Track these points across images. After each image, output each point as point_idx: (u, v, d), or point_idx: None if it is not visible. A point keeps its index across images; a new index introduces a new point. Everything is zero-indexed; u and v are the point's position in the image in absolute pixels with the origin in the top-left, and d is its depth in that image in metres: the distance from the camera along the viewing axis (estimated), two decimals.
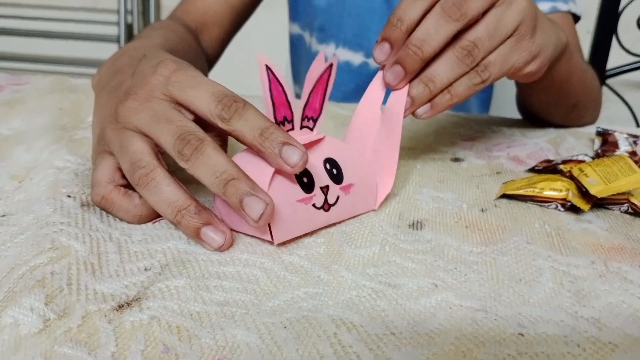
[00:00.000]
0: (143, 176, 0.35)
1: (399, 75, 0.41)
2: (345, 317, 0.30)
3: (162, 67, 0.37)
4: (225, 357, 0.27)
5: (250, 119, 0.34)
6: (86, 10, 1.78)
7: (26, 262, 0.32)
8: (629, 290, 0.33)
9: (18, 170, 0.45)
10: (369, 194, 0.41)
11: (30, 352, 0.26)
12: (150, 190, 0.35)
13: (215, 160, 0.34)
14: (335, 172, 0.39)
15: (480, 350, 0.28)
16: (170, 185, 0.35)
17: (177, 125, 0.35)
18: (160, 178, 0.35)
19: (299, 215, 0.37)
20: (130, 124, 0.36)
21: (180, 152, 0.34)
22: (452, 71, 0.41)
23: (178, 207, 0.35)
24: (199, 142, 0.34)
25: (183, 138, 0.34)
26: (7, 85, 0.70)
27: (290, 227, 0.36)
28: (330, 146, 0.39)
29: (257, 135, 0.34)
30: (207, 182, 0.34)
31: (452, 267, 0.35)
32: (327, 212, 0.38)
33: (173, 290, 0.31)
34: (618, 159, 0.43)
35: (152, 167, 0.35)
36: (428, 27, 0.40)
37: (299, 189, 0.37)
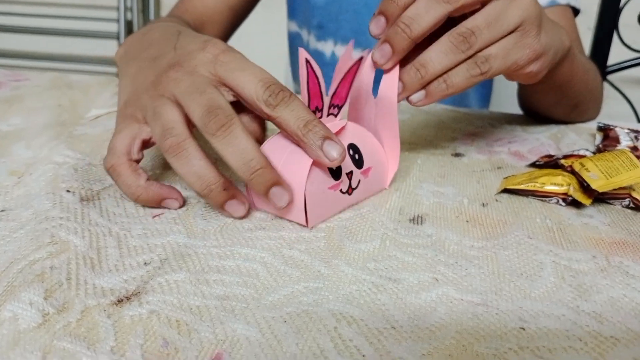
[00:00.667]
0: (174, 145, 0.36)
1: (387, 54, 0.40)
2: (346, 311, 0.30)
3: (211, 46, 0.38)
4: (225, 351, 0.26)
5: (296, 109, 0.36)
6: (86, 7, 1.78)
7: (25, 257, 0.32)
8: (631, 285, 0.33)
9: (17, 166, 0.45)
10: (382, 174, 0.43)
11: (29, 346, 0.26)
12: (180, 160, 0.36)
13: (244, 145, 0.35)
14: (357, 158, 0.41)
15: (481, 344, 0.28)
16: (202, 159, 0.36)
17: (208, 98, 0.36)
18: (192, 149, 0.36)
19: (329, 201, 0.39)
20: (168, 92, 0.37)
21: (206, 125, 0.35)
22: (445, 57, 0.40)
23: (208, 182, 0.36)
24: (227, 119, 0.35)
25: (211, 111, 0.35)
26: (7, 82, 0.70)
27: (322, 212, 0.39)
28: (351, 132, 0.41)
29: (302, 126, 0.35)
30: (233, 165, 0.35)
31: (452, 261, 0.35)
32: (350, 195, 0.41)
33: (173, 284, 0.31)
34: (619, 154, 0.43)
35: (183, 136, 0.36)
36: (419, 7, 0.39)
37: (330, 177, 0.39)
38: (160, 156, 0.48)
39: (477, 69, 0.41)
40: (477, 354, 0.27)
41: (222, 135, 0.35)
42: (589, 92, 0.63)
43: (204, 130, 0.35)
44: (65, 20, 1.76)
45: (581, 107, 0.63)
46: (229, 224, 0.38)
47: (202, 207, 0.40)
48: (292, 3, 0.92)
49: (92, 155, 0.46)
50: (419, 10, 0.39)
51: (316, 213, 0.38)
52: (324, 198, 0.39)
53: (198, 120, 0.36)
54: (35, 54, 1.83)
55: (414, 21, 0.39)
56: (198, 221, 0.38)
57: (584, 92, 0.61)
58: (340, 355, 0.27)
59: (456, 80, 0.41)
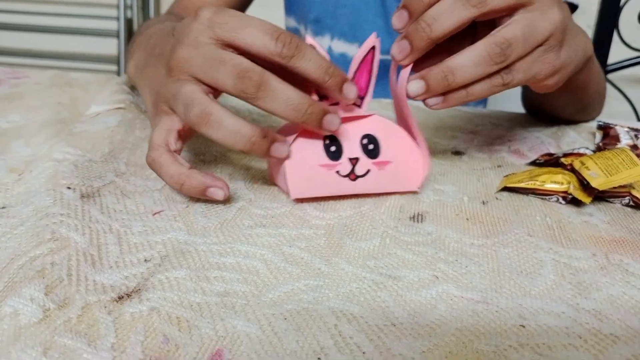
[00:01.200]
0: (200, 114, 0.36)
1: (405, 50, 0.40)
2: (346, 308, 0.30)
3: (202, 12, 0.38)
4: (225, 347, 0.26)
5: (313, 59, 0.36)
6: (86, 5, 1.77)
7: (26, 253, 0.32)
8: (631, 282, 0.33)
9: (17, 163, 0.45)
10: (409, 174, 0.42)
11: (30, 341, 0.26)
12: (212, 127, 0.36)
13: (286, 94, 0.36)
14: (372, 148, 0.41)
15: (481, 342, 0.28)
16: (231, 117, 0.36)
17: (232, 65, 0.36)
18: (218, 112, 0.36)
19: (319, 178, 0.40)
20: (184, 74, 0.37)
21: (244, 91, 0.36)
22: (478, 68, 0.39)
23: (247, 136, 0.36)
24: (261, 77, 0.36)
25: (242, 76, 0.35)
26: (6, 79, 0.70)
27: (308, 187, 0.40)
28: (375, 124, 0.42)
29: (323, 73, 0.37)
30: (283, 114, 0.37)
31: (452, 259, 0.35)
32: (354, 181, 0.41)
33: (173, 281, 0.31)
34: (619, 152, 0.43)
35: (205, 102, 0.36)
36: (444, 6, 0.38)
37: (324, 155, 0.40)
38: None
39: (500, 79, 0.40)
40: (477, 351, 0.27)
41: (263, 94, 0.36)
42: (598, 94, 0.63)
43: (244, 97, 0.36)
44: (65, 18, 1.76)
45: (589, 109, 0.63)
46: (229, 221, 0.38)
47: (203, 205, 0.40)
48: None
49: (92, 152, 0.46)
50: (443, 10, 0.38)
51: (300, 185, 0.40)
52: (312, 173, 0.40)
53: (233, 89, 0.36)
54: (35, 51, 1.83)
55: (436, 21, 0.38)
56: (198, 218, 0.38)
57: (594, 95, 0.61)
58: (341, 352, 0.27)
59: (477, 89, 0.40)
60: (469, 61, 0.39)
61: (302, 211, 0.40)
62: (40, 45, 1.82)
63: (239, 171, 0.46)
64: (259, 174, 0.46)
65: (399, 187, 0.43)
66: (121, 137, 0.50)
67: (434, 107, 0.42)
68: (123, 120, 0.54)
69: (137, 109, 0.58)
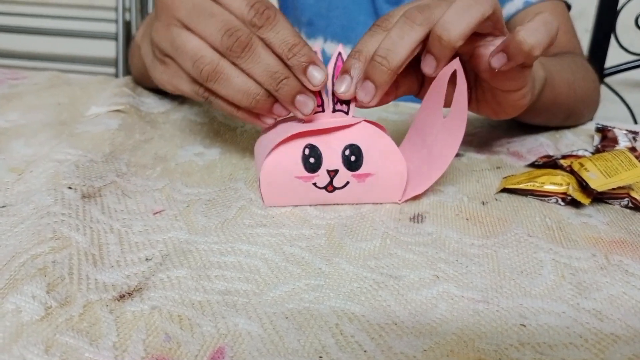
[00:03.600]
0: (211, 71, 0.37)
1: (370, 91, 0.39)
2: (347, 308, 0.30)
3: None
4: (227, 345, 0.26)
5: (281, 32, 0.36)
6: (84, 8, 1.77)
7: (27, 251, 0.32)
8: (630, 283, 0.33)
9: (17, 163, 0.45)
10: (392, 185, 0.41)
11: (32, 339, 0.26)
12: (221, 83, 0.37)
13: (268, 60, 0.36)
14: (353, 159, 0.40)
15: (482, 341, 0.28)
16: (240, 76, 0.37)
17: (222, 20, 0.36)
18: (228, 70, 0.37)
19: (294, 189, 0.40)
20: (173, 18, 0.37)
21: (229, 49, 0.36)
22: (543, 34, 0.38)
23: (253, 94, 0.37)
24: (248, 39, 0.36)
25: (231, 34, 0.36)
26: (5, 80, 0.70)
27: (282, 196, 0.40)
28: (362, 132, 0.40)
29: (286, 50, 0.36)
30: (260, 79, 0.37)
31: (453, 259, 0.35)
32: (331, 193, 0.40)
33: (174, 280, 0.31)
34: (618, 154, 0.44)
35: (217, 60, 0.37)
36: (392, 36, 0.38)
37: (301, 167, 0.39)
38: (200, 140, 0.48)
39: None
40: (478, 349, 0.27)
41: (247, 55, 0.36)
42: (579, 101, 0.63)
43: (227, 54, 0.36)
44: (63, 21, 1.76)
45: (574, 115, 0.63)
46: (230, 221, 0.38)
47: (203, 204, 0.40)
48: (283, 1, 0.92)
49: (93, 152, 0.46)
50: (393, 39, 0.38)
51: (274, 194, 0.40)
52: (288, 184, 0.40)
53: (219, 44, 0.36)
54: (33, 54, 1.83)
55: (390, 51, 0.38)
56: (199, 218, 0.38)
57: (573, 103, 0.61)
58: (342, 350, 0.27)
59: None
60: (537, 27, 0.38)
61: (302, 211, 0.40)
62: (39, 48, 1.82)
63: (239, 171, 0.46)
64: None
65: (379, 198, 0.42)
66: (122, 139, 0.50)
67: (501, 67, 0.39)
68: (123, 124, 0.54)
69: (137, 112, 0.58)
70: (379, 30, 0.40)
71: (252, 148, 0.51)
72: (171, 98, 0.65)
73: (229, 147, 0.51)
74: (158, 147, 0.50)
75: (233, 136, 0.54)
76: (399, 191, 0.41)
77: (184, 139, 0.53)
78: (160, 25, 0.38)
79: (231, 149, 0.51)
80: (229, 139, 0.53)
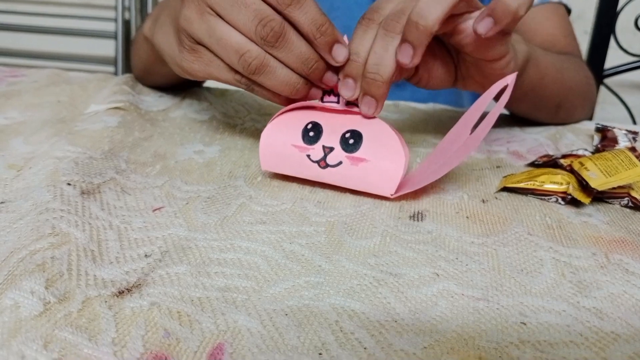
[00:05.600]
0: (258, 65, 0.38)
1: (372, 104, 0.40)
2: (347, 305, 0.30)
3: None
4: (226, 341, 0.26)
5: (309, 12, 0.37)
6: (84, 7, 1.77)
7: (26, 247, 0.32)
8: (631, 281, 0.33)
9: (16, 160, 0.45)
10: (385, 178, 0.41)
11: (31, 334, 0.26)
12: (265, 76, 0.39)
13: (300, 48, 0.38)
14: (351, 142, 0.41)
15: (483, 339, 0.28)
16: (283, 68, 0.39)
17: (255, 9, 0.37)
18: (274, 63, 0.38)
19: (289, 157, 0.42)
20: (205, 5, 0.38)
21: (264, 39, 0.37)
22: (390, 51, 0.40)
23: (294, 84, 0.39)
24: (281, 28, 0.37)
25: (265, 24, 0.37)
26: (4, 77, 0.70)
27: (278, 163, 0.43)
28: (367, 123, 0.41)
29: (315, 29, 0.38)
30: (293, 66, 0.39)
31: (453, 257, 0.35)
32: (323, 169, 0.41)
33: (173, 276, 0.31)
34: (618, 153, 0.43)
35: (263, 54, 0.38)
36: (377, 51, 0.39)
37: (299, 137, 0.42)
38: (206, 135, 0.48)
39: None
40: (478, 347, 0.27)
41: (282, 45, 0.37)
42: (569, 90, 0.62)
43: (261, 44, 0.37)
44: (63, 19, 1.76)
45: (565, 106, 0.62)
46: (229, 218, 0.38)
47: (203, 202, 0.40)
48: None
49: (92, 149, 0.46)
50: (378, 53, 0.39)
51: (270, 160, 0.42)
52: (284, 151, 0.42)
53: (253, 34, 0.37)
54: (32, 52, 1.83)
55: (379, 66, 0.39)
56: (198, 215, 0.38)
57: (562, 91, 0.60)
58: (342, 347, 0.27)
59: None
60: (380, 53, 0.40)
61: (302, 208, 0.40)
62: (38, 46, 1.82)
63: (239, 168, 0.46)
64: (259, 171, 0.46)
65: (371, 188, 0.41)
66: (121, 137, 0.50)
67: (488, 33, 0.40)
68: (123, 121, 0.54)
69: (137, 110, 0.58)
70: (371, 25, 0.40)
71: (251, 146, 0.51)
72: (171, 96, 0.65)
73: (228, 144, 0.51)
74: (158, 144, 0.50)
75: (233, 134, 0.54)
76: (391, 185, 0.41)
77: (183, 137, 0.52)
78: (191, 13, 0.38)
79: (231, 146, 0.51)
80: (229, 137, 0.53)
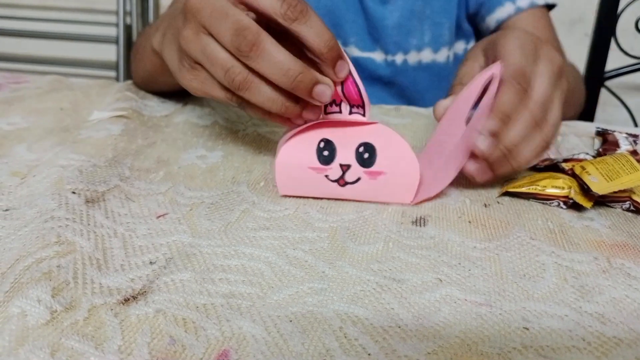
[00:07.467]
0: (243, 81, 0.37)
1: (485, 173, 0.42)
2: (351, 311, 0.30)
3: None
4: (231, 348, 0.27)
5: (314, 26, 0.36)
6: (85, 11, 1.78)
7: (32, 254, 0.32)
8: (633, 286, 0.33)
9: (20, 167, 0.45)
10: (404, 186, 0.42)
11: (38, 343, 0.26)
12: (252, 92, 0.38)
13: (278, 57, 0.36)
14: (367, 157, 0.41)
15: (486, 344, 0.28)
16: (267, 85, 0.38)
17: (233, 20, 0.36)
18: (256, 79, 0.37)
19: (307, 180, 0.41)
20: (199, 24, 0.38)
21: (238, 49, 0.36)
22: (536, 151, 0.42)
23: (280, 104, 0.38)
24: (255, 37, 0.36)
25: (239, 34, 0.36)
26: (6, 84, 0.70)
27: (296, 186, 0.42)
28: (377, 133, 0.41)
29: (322, 45, 0.37)
30: (273, 79, 0.37)
31: (455, 262, 0.35)
32: (343, 187, 0.41)
33: (178, 283, 0.31)
34: (620, 157, 0.44)
35: (245, 72, 0.37)
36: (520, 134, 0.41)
37: (315, 159, 0.41)
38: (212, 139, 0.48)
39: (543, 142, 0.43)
40: (481, 353, 0.27)
41: (255, 54, 0.36)
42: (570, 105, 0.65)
43: (237, 54, 0.36)
44: (64, 24, 1.76)
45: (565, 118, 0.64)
46: (233, 224, 0.38)
47: (206, 208, 0.40)
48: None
49: (96, 157, 0.46)
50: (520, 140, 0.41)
51: (288, 184, 0.42)
52: (301, 174, 0.41)
53: (230, 45, 0.36)
54: (34, 57, 1.83)
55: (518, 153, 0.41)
56: (202, 221, 0.38)
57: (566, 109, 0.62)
58: (346, 354, 0.27)
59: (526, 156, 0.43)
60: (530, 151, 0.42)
61: (305, 214, 0.40)
62: (40, 51, 1.82)
63: (242, 174, 0.46)
64: (261, 176, 0.46)
65: (391, 198, 0.42)
66: (124, 144, 0.50)
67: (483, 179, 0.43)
68: (126, 129, 0.54)
69: (140, 117, 0.58)
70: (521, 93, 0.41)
71: (254, 151, 0.51)
72: (174, 101, 0.65)
73: (231, 150, 0.51)
74: (161, 151, 0.50)
75: (235, 139, 0.54)
76: (410, 192, 0.42)
77: (186, 143, 0.53)
78: (189, 33, 0.39)
79: (233, 152, 0.51)
80: (231, 142, 0.53)
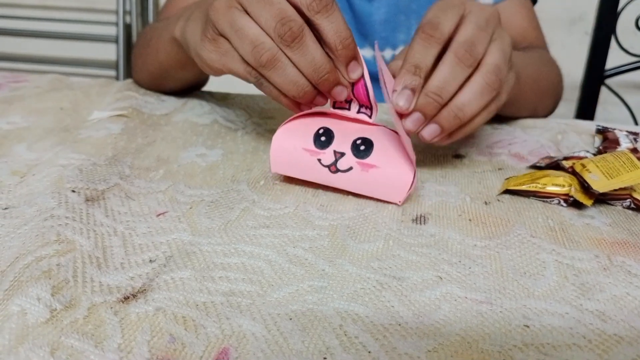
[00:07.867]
0: (271, 58, 0.39)
1: (419, 121, 0.41)
2: (351, 309, 0.30)
3: None
4: (231, 346, 0.27)
5: (335, 22, 0.38)
6: (85, 11, 1.77)
7: (31, 253, 0.32)
8: (634, 284, 0.33)
9: (19, 166, 0.45)
10: (395, 185, 0.41)
11: (38, 341, 0.26)
12: (277, 71, 0.39)
13: (314, 54, 0.39)
14: (362, 149, 0.41)
15: (486, 342, 0.28)
16: (293, 67, 0.39)
17: (278, 8, 0.38)
18: (285, 60, 0.39)
19: (300, 161, 0.42)
20: (236, 1, 0.39)
21: (281, 37, 0.38)
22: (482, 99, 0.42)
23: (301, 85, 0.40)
24: (300, 30, 0.38)
25: (284, 23, 0.38)
26: (6, 83, 0.70)
27: (288, 166, 0.43)
28: (378, 132, 0.42)
29: (338, 41, 0.39)
30: (304, 71, 0.39)
31: (456, 260, 0.35)
32: (334, 174, 0.42)
33: (178, 281, 0.31)
34: (620, 155, 0.44)
35: (275, 49, 0.39)
36: (445, 75, 0.40)
37: (311, 141, 0.42)
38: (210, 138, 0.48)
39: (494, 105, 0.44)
40: (482, 350, 0.27)
41: (297, 46, 0.38)
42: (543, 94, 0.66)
43: (279, 41, 0.38)
44: (64, 24, 1.76)
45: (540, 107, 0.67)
46: (233, 222, 0.38)
47: (206, 206, 0.40)
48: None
49: (96, 156, 0.46)
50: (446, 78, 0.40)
51: (281, 162, 0.42)
52: (295, 154, 0.42)
53: (272, 31, 0.38)
54: (33, 57, 1.83)
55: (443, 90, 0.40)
56: (202, 219, 0.38)
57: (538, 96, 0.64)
58: (346, 351, 0.27)
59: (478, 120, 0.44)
60: (473, 95, 0.41)
61: (305, 212, 0.40)
62: (39, 51, 1.82)
63: (242, 172, 0.46)
64: (261, 174, 0.46)
65: (381, 194, 0.42)
66: (124, 143, 0.50)
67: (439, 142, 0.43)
68: (126, 128, 0.54)
69: (140, 116, 0.58)
70: (432, 42, 0.41)
71: (254, 150, 0.51)
72: (174, 100, 0.65)
73: (231, 148, 0.51)
74: (160, 149, 0.50)
75: (235, 138, 0.54)
76: (401, 193, 0.41)
77: (186, 141, 0.53)
78: (221, 4, 0.40)
79: (233, 150, 0.51)
80: (231, 141, 0.53)
